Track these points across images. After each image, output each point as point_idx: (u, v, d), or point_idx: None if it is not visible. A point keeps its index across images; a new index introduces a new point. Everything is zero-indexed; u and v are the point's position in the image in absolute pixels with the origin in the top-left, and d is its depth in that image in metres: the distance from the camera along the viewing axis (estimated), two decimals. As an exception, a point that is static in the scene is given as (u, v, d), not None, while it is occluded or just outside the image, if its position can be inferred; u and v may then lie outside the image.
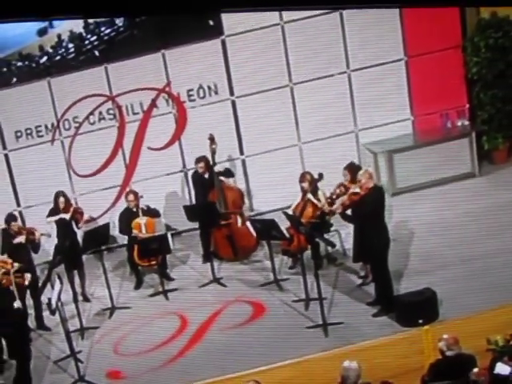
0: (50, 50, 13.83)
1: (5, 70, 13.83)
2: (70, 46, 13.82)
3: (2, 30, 13.09)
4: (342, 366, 8.98)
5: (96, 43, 13.79)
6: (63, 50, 13.85)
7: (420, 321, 10.96)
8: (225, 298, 12.76)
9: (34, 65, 13.70)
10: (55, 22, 13.36)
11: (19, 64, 13.75)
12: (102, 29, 13.84)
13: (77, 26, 13.79)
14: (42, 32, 13.59)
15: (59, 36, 13.80)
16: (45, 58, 13.84)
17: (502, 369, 8.62)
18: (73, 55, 13.85)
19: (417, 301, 11.26)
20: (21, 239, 12.53)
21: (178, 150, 14.71)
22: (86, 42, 13.91)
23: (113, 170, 14.61)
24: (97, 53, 13.73)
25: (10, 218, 12.66)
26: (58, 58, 13.76)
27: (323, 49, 14.51)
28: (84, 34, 13.89)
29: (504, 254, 12.07)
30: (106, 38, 13.77)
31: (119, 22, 13.70)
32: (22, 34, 13.46)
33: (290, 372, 10.29)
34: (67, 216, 13.06)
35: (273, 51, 14.43)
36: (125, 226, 13.44)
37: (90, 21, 13.72)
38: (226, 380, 10.22)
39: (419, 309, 11.16)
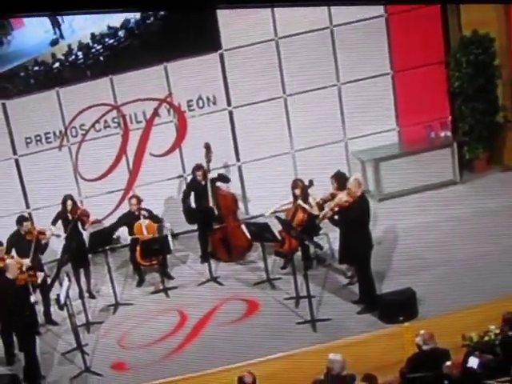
0: (62, 58, 13.91)
1: (22, 74, 13.98)
2: (79, 53, 13.93)
3: (19, 40, 13.52)
4: (327, 359, 9.25)
5: (102, 52, 13.90)
6: (73, 57, 13.96)
7: (401, 318, 11.14)
8: (221, 295, 12.88)
9: (48, 69, 13.81)
10: (66, 34, 13.66)
11: (36, 68, 13.85)
12: (106, 39, 13.96)
13: (85, 37, 13.90)
14: (54, 42, 13.85)
15: (69, 46, 13.93)
16: (57, 64, 13.96)
17: (473, 362, 8.90)
18: (81, 61, 13.93)
19: (398, 300, 11.42)
20: (31, 238, 12.50)
21: (179, 156, 14.79)
22: (93, 50, 13.95)
23: (117, 175, 14.67)
24: (102, 60, 13.87)
25: (22, 219, 12.80)
26: (68, 64, 13.85)
27: (315, 63, 14.57)
28: (91, 44, 13.97)
29: (481, 258, 12.23)
30: (111, 48, 13.91)
31: (123, 34, 13.89)
32: (37, 44, 13.74)
33: (280, 364, 10.47)
34: (74, 218, 13.02)
35: (268, 65, 14.53)
36: (120, 225, 13.57)
37: (96, 32, 13.84)
38: (222, 371, 10.38)
39: (400, 307, 11.34)
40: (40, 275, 11.99)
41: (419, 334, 9.52)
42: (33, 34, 13.75)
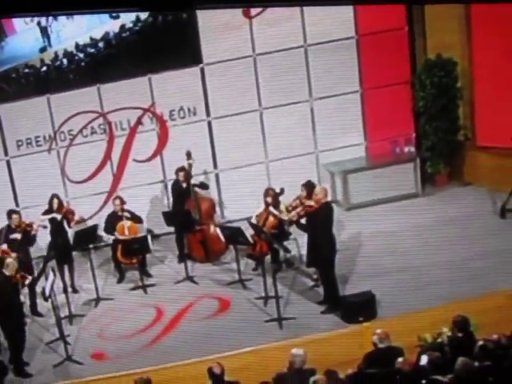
0: (49, 63, 14.07)
1: (14, 75, 14.09)
2: (64, 60, 14.05)
3: (12, 46, 13.76)
4: (290, 353, 9.43)
5: (84, 59, 14.09)
6: (58, 62, 14.09)
7: (360, 318, 11.34)
8: (196, 293, 12.96)
9: (36, 72, 14.00)
10: (53, 42, 13.88)
11: (26, 71, 14.00)
12: (88, 49, 14.14)
13: (70, 46, 14.07)
14: (42, 49, 14.03)
15: (56, 53, 14.08)
16: (44, 68, 14.09)
17: (424, 360, 8.95)
18: (65, 66, 14.05)
19: (358, 301, 11.59)
20: (17, 235, 12.61)
21: (160, 162, 14.84)
22: (76, 57, 14.08)
23: (102, 178, 14.71)
24: (84, 67, 14.08)
25: (11, 212, 12.89)
26: (53, 68, 14.02)
27: (289, 79, 14.65)
28: (74, 52, 14.10)
29: (436, 265, 12.43)
30: (92, 56, 14.11)
31: (102, 44, 14.14)
32: (27, 50, 13.94)
33: (248, 358, 10.63)
34: (59, 216, 13.10)
35: (245, 79, 14.65)
36: (109, 227, 13.56)
37: (80, 42, 14.04)
38: (194, 363, 10.51)
39: (360, 308, 11.51)
40: (29, 278, 11.89)
41: (375, 332, 9.63)
42: (24, 41, 13.98)
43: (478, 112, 14.96)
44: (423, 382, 8.13)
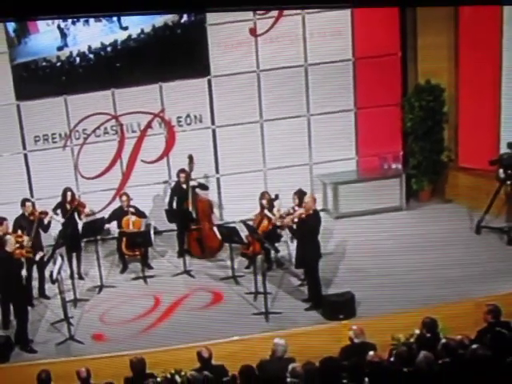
0: (64, 59, 14.34)
1: (33, 67, 14.28)
2: (77, 59, 14.34)
3: (34, 42, 14.14)
4: (273, 342, 9.58)
5: (95, 60, 14.45)
6: (72, 59, 14.35)
7: (341, 316, 11.50)
8: (192, 286, 13.06)
9: (52, 66, 14.31)
10: (69, 43, 14.29)
11: (43, 64, 14.28)
12: (101, 52, 14.47)
13: (83, 48, 14.39)
14: (59, 48, 14.34)
15: (71, 52, 14.38)
16: (59, 64, 14.34)
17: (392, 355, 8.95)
18: (78, 64, 14.38)
19: (339, 301, 11.72)
20: (34, 218, 12.66)
21: (166, 164, 15.02)
22: (87, 58, 14.40)
23: (111, 176, 14.90)
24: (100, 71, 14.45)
25: (25, 200, 12.93)
26: (67, 65, 14.35)
27: (289, 94, 14.91)
28: (87, 53, 14.44)
29: (414, 272, 12.44)
30: (100, 58, 14.46)
31: (111, 49, 14.49)
32: (46, 47, 14.26)
33: (235, 346, 10.88)
34: (69, 206, 13.19)
35: (248, 92, 14.86)
36: (113, 218, 13.78)
37: (93, 45, 14.40)
38: (185, 348, 10.66)
39: (341, 307, 11.64)
40: (40, 254, 12.10)
41: (352, 328, 9.78)
42: (44, 39, 14.30)
43: (461, 135, 15.10)
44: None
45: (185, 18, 14.61)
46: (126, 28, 14.50)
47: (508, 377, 7.48)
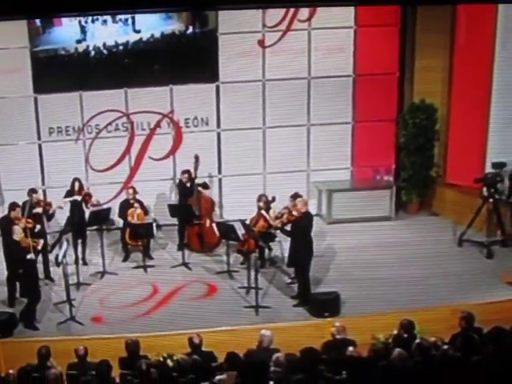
0: (81, 51, 14.59)
1: (52, 54, 14.48)
2: (92, 52, 14.59)
3: (57, 33, 14.44)
4: (260, 333, 9.72)
5: (107, 55, 14.72)
6: (88, 51, 14.60)
7: (326, 314, 11.59)
8: (188, 277, 13.14)
9: (69, 55, 14.55)
10: (87, 38, 14.57)
11: (62, 53, 14.52)
12: (113, 49, 14.76)
13: (100, 43, 14.63)
14: (78, 41, 14.62)
15: (88, 46, 14.62)
16: (76, 54, 14.56)
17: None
18: (92, 56, 14.61)
19: (325, 299, 11.82)
20: (39, 210, 12.77)
21: (172, 162, 15.15)
22: (101, 52, 14.66)
23: (120, 170, 15.05)
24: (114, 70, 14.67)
25: (32, 191, 12.99)
26: (83, 56, 14.60)
27: (292, 105, 15.06)
28: (102, 49, 14.67)
29: (397, 277, 12.61)
30: (112, 55, 14.71)
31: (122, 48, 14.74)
32: (67, 38, 14.57)
33: (225, 335, 11.02)
34: (79, 197, 13.38)
35: (254, 100, 15.00)
36: (122, 212, 13.89)
37: (108, 43, 14.65)
38: (178, 334, 10.77)
39: (326, 305, 11.73)
40: (40, 242, 11.99)
41: (334, 325, 9.99)
42: (66, 32, 14.56)
43: (450, 154, 15.21)
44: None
45: (198, 27, 14.81)
46: (138, 31, 14.73)
47: (473, 375, 7.69)
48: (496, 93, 14.07)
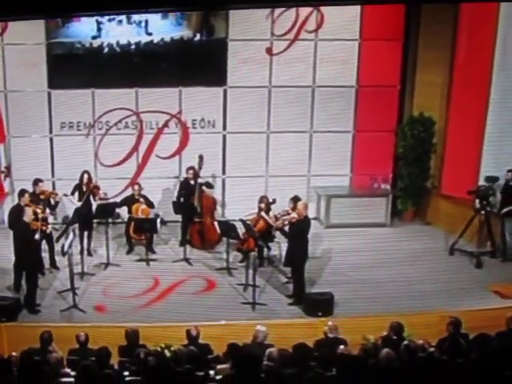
0: (95, 46, 14.65)
1: (68, 47, 14.59)
2: (106, 48, 14.68)
3: (75, 28, 14.57)
4: (255, 329, 9.81)
5: (119, 53, 14.80)
6: (101, 47, 14.67)
7: (319, 313, 11.63)
8: (189, 272, 13.19)
9: (84, 49, 14.65)
10: (102, 35, 14.70)
11: (77, 46, 14.62)
12: (125, 49, 14.79)
13: (113, 41, 14.71)
14: (94, 37, 14.72)
15: (102, 42, 14.71)
16: (90, 49, 14.63)
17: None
18: (106, 52, 14.68)
19: (319, 299, 11.86)
20: (44, 197, 12.90)
21: (178, 161, 15.17)
22: (114, 49, 14.75)
23: (127, 166, 15.08)
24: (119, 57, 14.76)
25: (37, 181, 13.07)
26: (97, 51, 14.68)
27: (295, 111, 15.10)
28: (114, 46, 14.75)
29: (390, 282, 12.68)
30: (124, 54, 14.78)
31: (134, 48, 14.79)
32: (83, 34, 14.67)
33: (222, 329, 11.08)
34: (87, 190, 13.34)
35: (259, 105, 15.03)
36: (124, 203, 13.94)
37: (121, 41, 14.72)
38: (177, 326, 10.81)
39: (320, 305, 11.78)
40: (49, 226, 12.20)
41: (327, 324, 10.09)
42: (83, 28, 14.65)
43: (446, 166, 15.20)
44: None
45: (207, 34, 14.90)
46: (150, 33, 14.83)
47: (457, 377, 7.79)
48: (492, 110, 14.12)
